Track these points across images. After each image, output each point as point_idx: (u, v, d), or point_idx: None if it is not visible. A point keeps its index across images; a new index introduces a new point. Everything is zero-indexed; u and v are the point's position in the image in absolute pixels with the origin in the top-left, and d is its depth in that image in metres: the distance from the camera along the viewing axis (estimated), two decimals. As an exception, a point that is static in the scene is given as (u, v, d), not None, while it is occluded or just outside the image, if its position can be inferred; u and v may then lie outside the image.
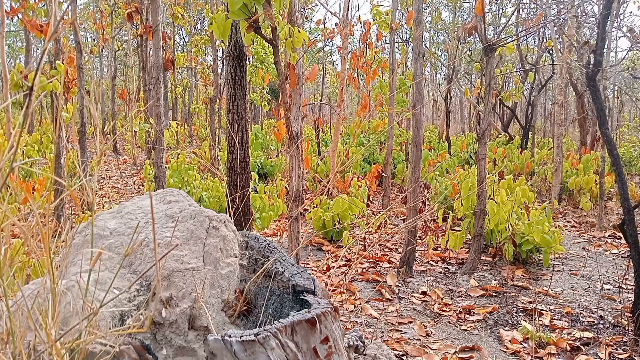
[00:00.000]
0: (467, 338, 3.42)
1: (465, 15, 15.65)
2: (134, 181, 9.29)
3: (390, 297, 4.05)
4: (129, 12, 7.04)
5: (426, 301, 4.03)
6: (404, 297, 4.09)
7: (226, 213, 2.23)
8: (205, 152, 9.65)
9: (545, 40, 10.77)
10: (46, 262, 1.36)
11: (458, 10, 15.49)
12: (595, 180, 7.79)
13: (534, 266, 4.99)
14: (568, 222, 7.25)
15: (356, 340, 2.06)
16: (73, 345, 1.39)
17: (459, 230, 5.35)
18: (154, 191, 2.32)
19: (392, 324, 3.56)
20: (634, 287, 3.38)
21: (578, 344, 3.32)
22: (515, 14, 9.85)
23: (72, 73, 5.72)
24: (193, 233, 2.11)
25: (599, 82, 3.91)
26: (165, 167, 5.57)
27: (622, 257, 5.38)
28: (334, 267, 4.56)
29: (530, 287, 4.37)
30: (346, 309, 3.70)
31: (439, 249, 5.45)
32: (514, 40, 8.72)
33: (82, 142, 5.64)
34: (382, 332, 3.39)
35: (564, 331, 3.53)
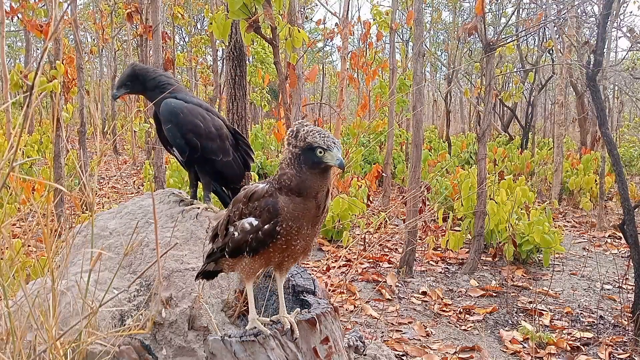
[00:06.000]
0: (467, 338, 3.42)
1: (465, 15, 15.63)
2: (134, 181, 9.28)
3: (390, 297, 4.05)
4: (129, 12, 7.03)
5: (426, 301, 4.03)
6: (404, 297, 4.09)
7: (226, 213, 2.21)
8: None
9: (545, 40, 10.75)
10: (47, 262, 1.35)
11: (458, 10, 15.47)
12: (595, 181, 7.79)
13: (534, 266, 4.99)
14: (568, 222, 7.24)
15: (356, 340, 2.06)
16: (73, 345, 1.39)
17: (459, 231, 5.35)
18: (155, 191, 2.32)
19: (392, 324, 3.56)
20: (634, 287, 3.38)
21: (578, 344, 3.32)
22: (515, 14, 9.83)
23: (72, 73, 5.71)
24: (193, 233, 2.11)
25: (599, 82, 3.91)
26: (165, 167, 5.57)
27: (622, 257, 5.37)
28: (334, 267, 4.56)
29: (530, 287, 4.37)
30: (346, 309, 3.70)
31: (439, 249, 5.45)
32: (514, 40, 8.72)
33: (82, 142, 5.64)
34: (382, 332, 3.39)
35: (564, 331, 3.53)
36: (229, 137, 2.25)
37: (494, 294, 4.20)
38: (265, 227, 1.46)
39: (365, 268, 4.79)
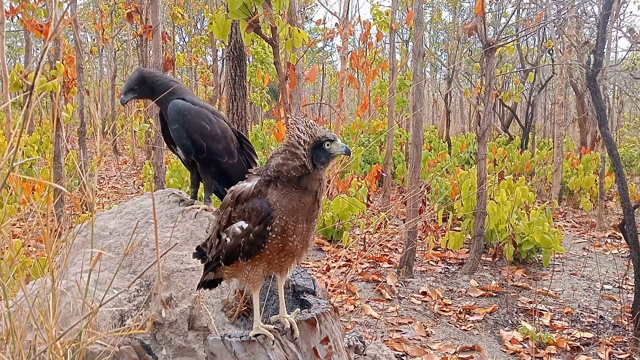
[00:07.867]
0: (467, 338, 3.42)
1: (465, 15, 15.64)
2: (134, 181, 9.28)
3: (390, 297, 4.05)
4: (129, 12, 7.03)
5: (426, 301, 4.03)
6: (404, 297, 4.09)
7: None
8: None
9: (545, 40, 10.75)
10: (47, 262, 1.35)
11: (458, 10, 15.48)
12: (595, 181, 7.79)
13: (534, 266, 4.99)
14: (568, 222, 7.24)
15: (356, 340, 2.06)
16: (73, 345, 1.39)
17: (459, 231, 5.35)
18: (155, 191, 2.32)
19: (392, 324, 3.56)
20: (634, 287, 3.38)
21: (578, 344, 3.32)
22: (515, 14, 9.83)
23: (72, 73, 5.72)
24: (193, 233, 2.11)
25: (599, 82, 3.91)
26: (165, 167, 5.57)
27: (622, 257, 5.37)
28: (334, 267, 4.56)
29: (531, 288, 4.37)
30: (346, 309, 3.70)
31: (439, 249, 5.45)
32: (514, 40, 8.72)
33: (82, 142, 5.64)
34: (382, 332, 3.39)
35: (564, 331, 3.53)
36: (233, 140, 2.26)
37: (494, 294, 4.20)
38: (256, 228, 1.42)
39: (365, 268, 4.79)
